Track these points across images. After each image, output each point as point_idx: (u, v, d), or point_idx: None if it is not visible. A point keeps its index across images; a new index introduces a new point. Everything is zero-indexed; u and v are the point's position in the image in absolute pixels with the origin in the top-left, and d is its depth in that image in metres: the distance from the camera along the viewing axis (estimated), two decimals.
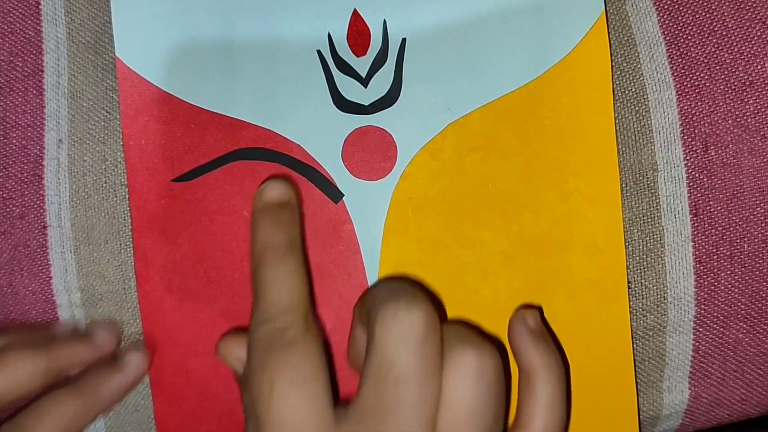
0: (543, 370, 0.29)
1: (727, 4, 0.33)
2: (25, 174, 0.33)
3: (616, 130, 0.33)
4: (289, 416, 0.26)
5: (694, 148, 0.33)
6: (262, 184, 0.32)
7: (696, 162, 0.33)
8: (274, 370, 0.26)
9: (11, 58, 0.33)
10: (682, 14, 0.33)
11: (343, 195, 0.33)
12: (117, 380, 0.31)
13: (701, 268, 0.33)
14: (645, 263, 0.33)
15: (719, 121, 0.33)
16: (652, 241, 0.33)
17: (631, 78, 0.33)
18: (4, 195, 0.33)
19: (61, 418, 0.29)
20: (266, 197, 0.31)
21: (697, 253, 0.33)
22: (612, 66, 0.33)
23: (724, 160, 0.33)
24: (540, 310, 0.33)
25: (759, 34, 0.33)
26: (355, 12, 0.33)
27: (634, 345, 0.33)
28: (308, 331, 0.28)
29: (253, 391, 0.27)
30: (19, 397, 0.29)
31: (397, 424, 0.25)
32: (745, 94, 0.33)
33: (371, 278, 0.33)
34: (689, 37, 0.33)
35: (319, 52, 0.33)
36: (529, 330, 0.30)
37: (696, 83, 0.33)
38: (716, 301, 0.34)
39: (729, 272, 0.33)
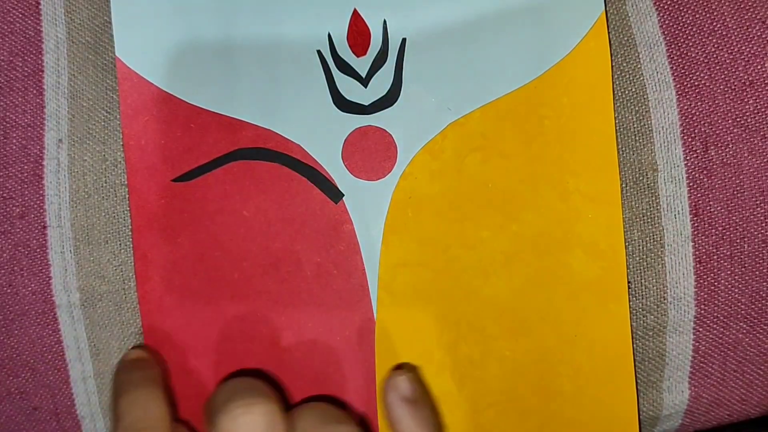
0: None
1: (727, 4, 0.33)
2: (25, 174, 0.33)
3: (616, 130, 0.33)
4: None
5: (694, 148, 0.33)
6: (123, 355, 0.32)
7: (696, 162, 0.33)
8: None
9: (11, 58, 0.33)
10: (682, 14, 0.34)
11: (343, 195, 0.33)
12: None
13: (701, 268, 0.33)
14: (645, 263, 0.33)
15: (719, 121, 0.33)
16: (652, 241, 0.33)
17: (631, 78, 0.33)
18: (4, 195, 0.33)
19: None
20: (127, 357, 0.32)
21: (697, 253, 0.33)
22: (612, 66, 0.33)
23: (724, 160, 0.33)
24: (415, 371, 0.33)
25: (759, 34, 0.33)
26: (355, 12, 0.33)
27: (634, 345, 0.33)
28: None
29: None
30: None
31: None
32: (745, 94, 0.33)
33: (371, 278, 0.33)
34: (689, 37, 0.33)
35: (319, 52, 0.33)
36: (402, 398, 0.30)
37: (696, 83, 0.33)
38: (716, 301, 0.34)
39: (729, 272, 0.33)
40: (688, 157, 0.33)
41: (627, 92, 0.33)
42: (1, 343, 0.33)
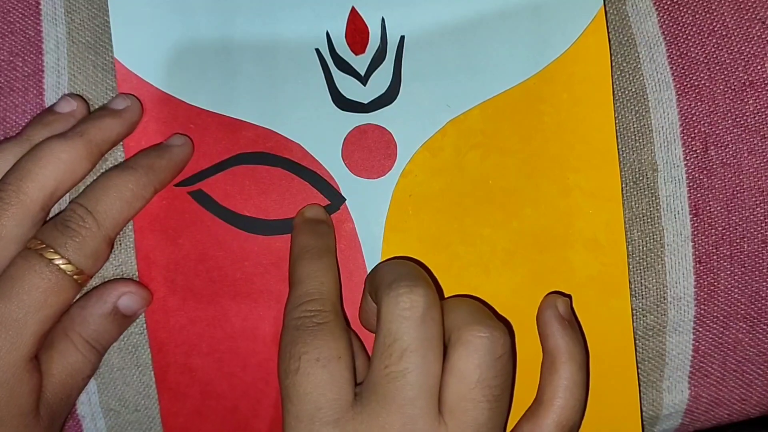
0: (567, 355, 0.31)
1: (727, 4, 0.33)
2: None
3: (615, 126, 0.33)
4: (311, 389, 0.28)
5: (694, 148, 0.33)
6: (303, 207, 0.33)
7: (696, 162, 0.33)
8: (302, 348, 0.29)
9: (11, 58, 0.33)
10: (682, 14, 0.34)
11: (345, 199, 0.33)
12: (168, 156, 0.32)
13: (701, 268, 0.33)
14: (645, 263, 0.33)
15: (719, 121, 0.33)
16: (652, 241, 0.33)
17: (631, 78, 0.33)
18: None
19: (122, 192, 0.31)
20: (307, 214, 0.33)
21: (697, 253, 0.33)
22: (612, 66, 0.33)
23: (724, 160, 0.33)
24: (570, 298, 0.33)
25: (759, 34, 0.33)
26: (353, 10, 0.33)
27: (634, 345, 0.33)
28: (336, 317, 0.30)
29: (281, 365, 0.29)
30: (72, 186, 0.31)
31: (402, 391, 0.28)
32: (745, 94, 0.33)
33: None
34: (689, 37, 0.33)
35: (317, 50, 0.33)
36: (558, 316, 0.31)
37: (696, 83, 0.33)
38: (716, 301, 0.34)
39: (729, 272, 0.33)
40: (688, 157, 0.33)
41: (627, 92, 0.33)
42: None
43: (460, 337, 0.28)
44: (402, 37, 0.33)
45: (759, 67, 0.33)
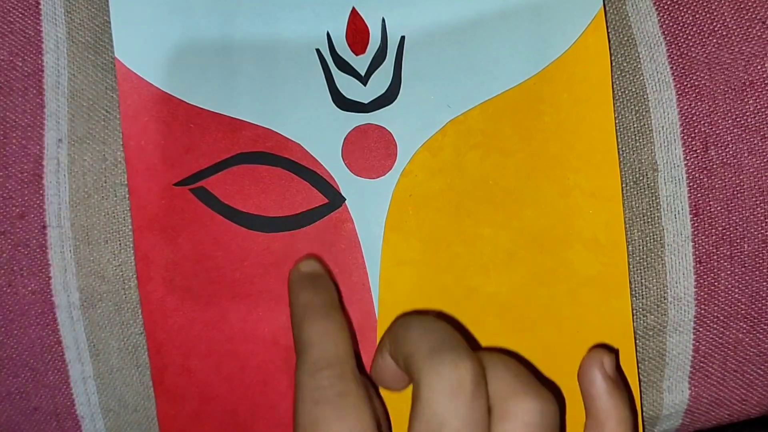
0: (617, 421, 0.28)
1: (727, 4, 0.34)
2: (25, 174, 0.33)
3: (615, 126, 0.33)
4: None
5: (694, 148, 0.33)
6: (298, 261, 0.32)
7: (696, 162, 0.33)
8: (323, 423, 0.26)
9: (11, 58, 0.33)
10: (682, 14, 0.34)
11: (345, 199, 0.33)
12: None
13: (701, 268, 0.33)
14: (645, 263, 0.33)
15: (719, 121, 0.33)
16: (652, 241, 0.33)
17: (631, 78, 0.33)
18: (4, 195, 0.33)
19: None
20: (303, 269, 0.32)
21: (697, 253, 0.33)
22: (612, 66, 0.33)
23: (724, 160, 0.33)
24: (617, 353, 0.32)
25: (759, 34, 0.33)
26: (353, 10, 0.33)
27: (635, 345, 0.33)
28: (357, 385, 0.28)
29: None
30: None
31: None
32: (745, 94, 0.33)
33: (372, 276, 0.33)
34: (689, 37, 0.33)
35: (318, 50, 0.33)
36: (605, 376, 0.29)
37: (696, 83, 0.33)
38: (716, 301, 0.34)
39: (729, 272, 0.33)
40: (688, 157, 0.33)
41: (627, 92, 0.33)
42: (1, 344, 0.33)
43: (508, 411, 0.26)
44: (402, 38, 0.33)
45: (759, 67, 0.33)
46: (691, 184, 0.33)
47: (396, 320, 0.30)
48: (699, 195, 0.33)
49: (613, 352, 0.31)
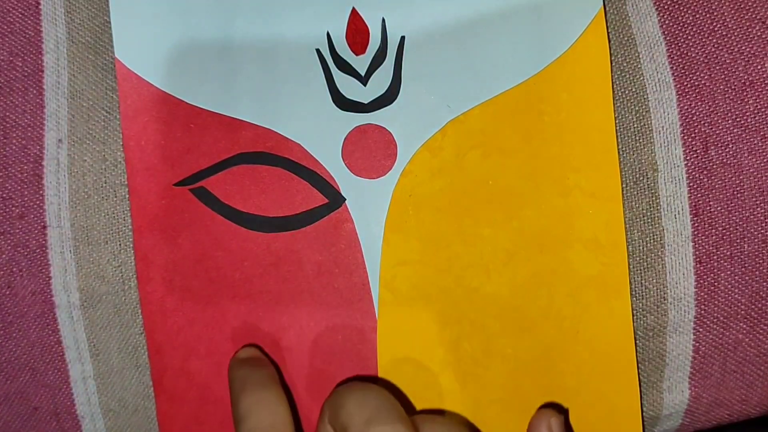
0: None
1: (727, 4, 0.34)
2: (25, 174, 0.33)
3: (615, 126, 0.33)
4: None
5: (694, 148, 0.33)
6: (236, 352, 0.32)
7: (696, 162, 0.33)
8: None
9: (11, 58, 0.33)
10: (682, 14, 0.34)
11: (345, 199, 0.33)
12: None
13: (701, 268, 0.33)
14: (645, 263, 0.33)
15: (719, 121, 0.33)
16: (652, 241, 0.33)
17: (631, 78, 0.33)
18: (4, 195, 0.33)
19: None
20: (241, 355, 0.32)
21: (697, 253, 0.33)
22: (612, 66, 0.33)
23: (724, 160, 0.33)
24: (566, 413, 0.33)
25: (759, 34, 0.33)
26: (353, 11, 0.33)
27: (635, 345, 0.33)
28: None
29: None
30: None
31: None
32: (745, 94, 0.33)
33: (372, 276, 0.33)
34: (689, 37, 0.33)
35: (318, 51, 0.33)
36: None
37: (696, 83, 0.33)
38: (716, 302, 0.34)
39: (729, 272, 0.33)
40: (688, 157, 0.33)
41: (627, 92, 0.33)
42: (0, 344, 0.33)
43: None
44: (402, 38, 0.33)
45: (759, 67, 0.33)
46: (691, 184, 0.33)
47: (336, 387, 0.31)
48: (699, 195, 0.33)
49: (563, 413, 0.32)
